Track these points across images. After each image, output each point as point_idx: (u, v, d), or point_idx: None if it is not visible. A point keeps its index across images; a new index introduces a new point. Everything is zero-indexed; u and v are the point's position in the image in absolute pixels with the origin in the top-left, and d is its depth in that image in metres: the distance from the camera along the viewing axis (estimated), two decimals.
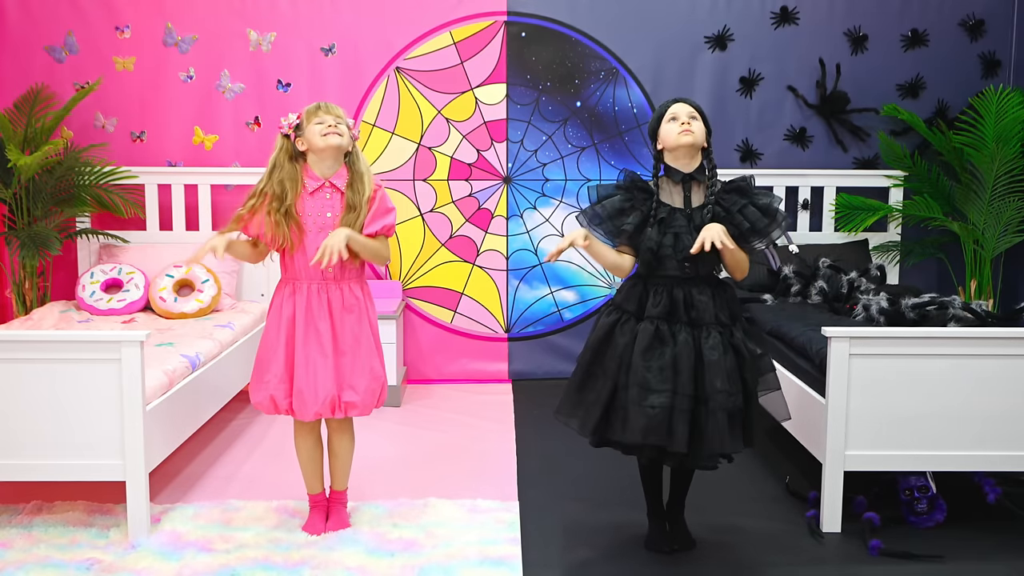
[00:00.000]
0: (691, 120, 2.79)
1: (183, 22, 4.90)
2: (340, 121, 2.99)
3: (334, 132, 2.96)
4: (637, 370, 2.69)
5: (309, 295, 3.00)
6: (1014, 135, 4.62)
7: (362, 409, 3.02)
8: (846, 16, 5.05)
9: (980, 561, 2.96)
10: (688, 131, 2.77)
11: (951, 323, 3.56)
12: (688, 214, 2.79)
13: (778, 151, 5.12)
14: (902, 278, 5.07)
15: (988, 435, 3.11)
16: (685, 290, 2.77)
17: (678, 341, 2.71)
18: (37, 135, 4.60)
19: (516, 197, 5.12)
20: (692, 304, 2.76)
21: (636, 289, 2.82)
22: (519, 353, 5.22)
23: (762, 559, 2.98)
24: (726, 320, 2.78)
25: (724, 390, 2.67)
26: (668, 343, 2.71)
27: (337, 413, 3.00)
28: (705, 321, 2.74)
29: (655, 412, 2.65)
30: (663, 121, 2.83)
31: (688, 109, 2.81)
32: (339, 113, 3.01)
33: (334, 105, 3.02)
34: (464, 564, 2.88)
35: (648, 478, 3.02)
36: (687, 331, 2.73)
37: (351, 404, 2.99)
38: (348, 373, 2.99)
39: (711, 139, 2.86)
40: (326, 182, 3.00)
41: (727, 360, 2.71)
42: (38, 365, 2.99)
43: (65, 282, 4.94)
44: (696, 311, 2.75)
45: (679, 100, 2.86)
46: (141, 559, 2.92)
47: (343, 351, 3.00)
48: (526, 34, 5.01)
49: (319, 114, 2.98)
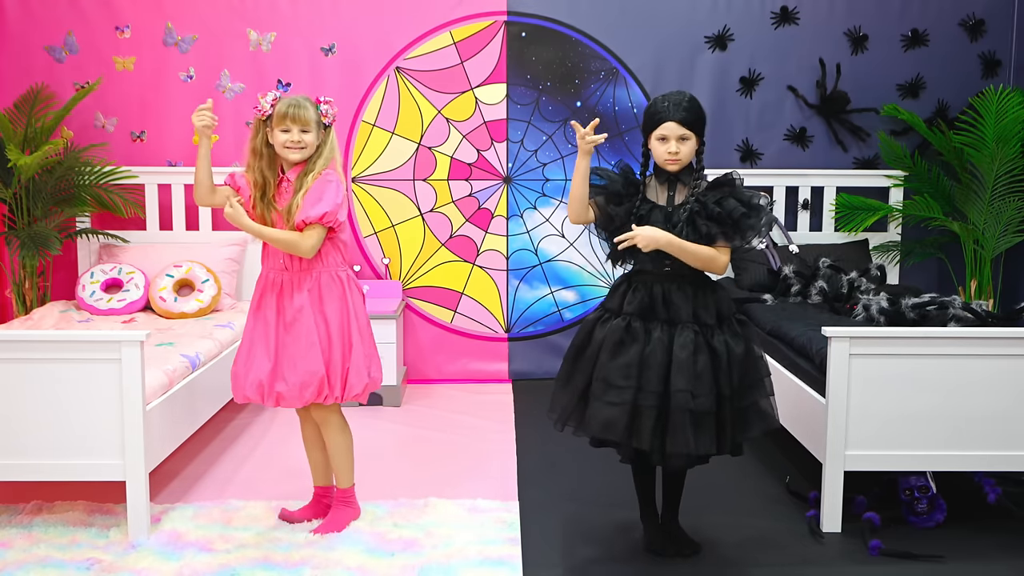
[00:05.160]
0: (681, 142, 2.76)
1: (183, 22, 4.90)
2: (307, 129, 2.95)
3: (296, 147, 2.95)
4: (602, 366, 2.73)
5: (265, 284, 3.06)
6: (1014, 135, 4.62)
7: (289, 401, 3.00)
8: (846, 16, 5.05)
9: (980, 561, 2.96)
10: (674, 159, 2.77)
11: (951, 323, 3.56)
12: (668, 212, 2.80)
13: (778, 151, 5.12)
14: (902, 278, 5.07)
15: (988, 435, 3.11)
16: (664, 287, 2.78)
17: (652, 338, 2.72)
18: (37, 135, 4.60)
19: (516, 197, 5.12)
20: (670, 301, 2.76)
21: (621, 288, 2.85)
22: (519, 353, 5.22)
23: (762, 559, 2.98)
24: (709, 321, 2.76)
25: (686, 390, 2.66)
26: (639, 340, 2.72)
27: (267, 401, 3.02)
28: (681, 319, 2.74)
29: (615, 408, 2.67)
30: (653, 136, 2.79)
31: (679, 131, 2.75)
32: (307, 119, 2.94)
33: (304, 104, 2.95)
34: (464, 564, 2.88)
35: (639, 480, 3.01)
36: (663, 328, 2.73)
37: (280, 395, 3.00)
38: (284, 364, 2.99)
39: (705, 139, 2.83)
40: (285, 177, 3.02)
41: (699, 360, 2.69)
42: (38, 365, 2.99)
43: (65, 282, 4.94)
44: (673, 308, 2.75)
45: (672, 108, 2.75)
46: (141, 559, 2.92)
47: (284, 342, 3.00)
48: (526, 34, 5.01)
49: (285, 122, 2.94)
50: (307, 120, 2.94)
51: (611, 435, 2.70)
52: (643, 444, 2.68)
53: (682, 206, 2.79)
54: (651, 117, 2.80)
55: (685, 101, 2.77)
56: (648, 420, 2.67)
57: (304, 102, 2.96)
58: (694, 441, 2.66)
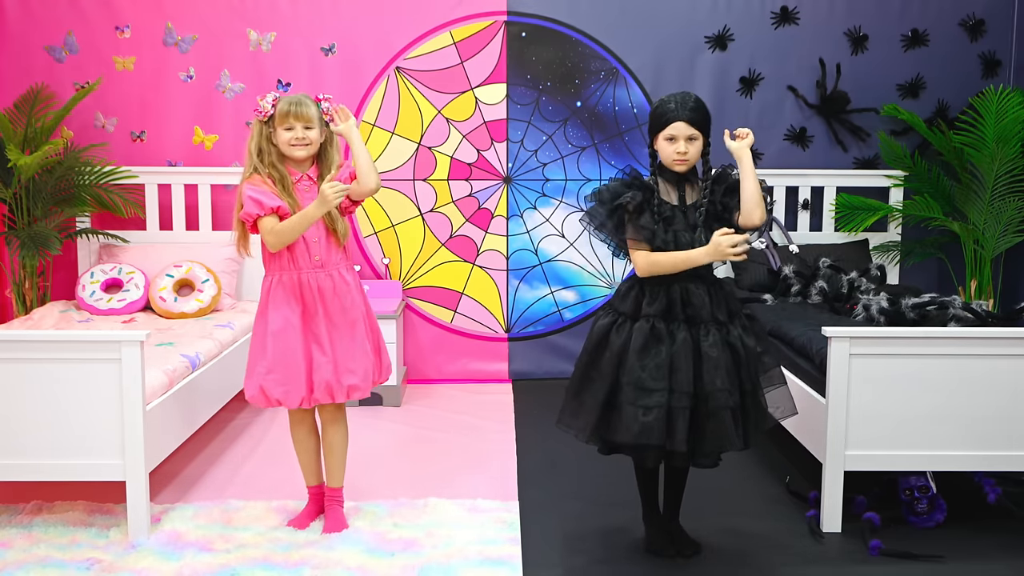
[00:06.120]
0: (689, 142, 2.76)
1: (183, 22, 4.90)
2: (310, 125, 2.96)
3: (301, 144, 2.96)
4: (632, 369, 2.69)
5: (294, 286, 2.99)
6: (1014, 135, 4.62)
7: (363, 391, 3.05)
8: (846, 16, 5.05)
9: (980, 561, 2.96)
10: (683, 160, 2.76)
11: (951, 323, 3.56)
12: (684, 211, 2.81)
13: (778, 151, 5.12)
14: (902, 278, 5.07)
15: (988, 435, 3.10)
16: (682, 287, 2.77)
17: (676, 339, 2.71)
18: (37, 135, 4.60)
19: (516, 197, 5.12)
20: (689, 301, 2.76)
21: (632, 291, 2.82)
22: (519, 353, 5.22)
23: (762, 559, 2.98)
24: (723, 318, 2.77)
25: (725, 388, 2.67)
26: (665, 341, 2.71)
27: (339, 397, 3.01)
28: (703, 318, 2.74)
29: (650, 412, 2.65)
30: (661, 136, 2.79)
31: (687, 130, 2.75)
32: (309, 116, 2.95)
33: (305, 102, 2.96)
34: (464, 564, 2.88)
35: (644, 481, 3.01)
36: (685, 329, 2.73)
37: (353, 387, 3.01)
38: (345, 358, 3.00)
39: (710, 140, 2.84)
40: (304, 175, 3.02)
41: (726, 357, 2.71)
42: (38, 365, 2.99)
43: (65, 282, 4.94)
44: (693, 308, 2.75)
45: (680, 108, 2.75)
46: (141, 559, 2.92)
47: (336, 337, 3.01)
48: (526, 34, 5.01)
49: (288, 120, 2.94)
50: (310, 117, 2.95)
51: (649, 440, 2.67)
52: (678, 446, 2.67)
53: (696, 207, 2.80)
54: (658, 117, 2.79)
55: (692, 101, 2.77)
56: (683, 422, 2.66)
57: (305, 99, 2.97)
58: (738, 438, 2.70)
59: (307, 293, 3.00)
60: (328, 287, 3.01)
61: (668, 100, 2.79)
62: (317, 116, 2.97)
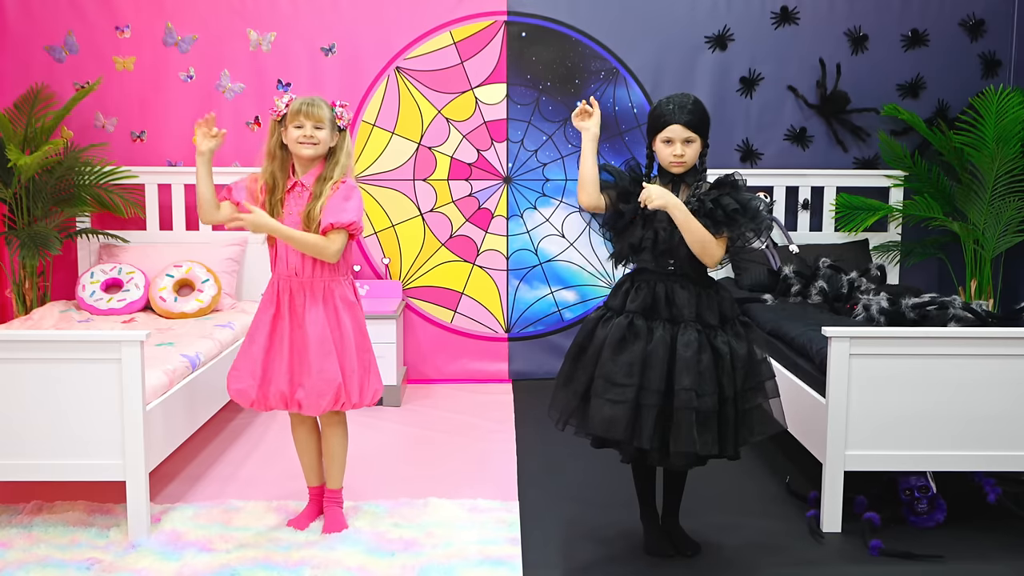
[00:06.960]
0: (686, 144, 2.77)
1: (183, 22, 4.90)
2: (321, 126, 2.96)
3: (309, 143, 2.96)
4: (604, 363, 2.73)
5: (280, 291, 3.03)
6: (1014, 135, 4.62)
7: (308, 409, 3.01)
8: (846, 16, 5.05)
9: (980, 561, 2.96)
10: (679, 162, 2.77)
11: (951, 323, 3.56)
12: None
13: (778, 151, 5.12)
14: (902, 278, 5.07)
15: (988, 435, 3.11)
16: (667, 286, 2.78)
17: (654, 336, 2.72)
18: (37, 135, 4.60)
19: (516, 197, 5.12)
20: (673, 301, 2.76)
21: (623, 287, 2.85)
22: (519, 353, 5.22)
23: (762, 559, 2.98)
24: (713, 321, 2.76)
25: (691, 388, 2.66)
26: (642, 338, 2.72)
27: (291, 407, 3.03)
28: (684, 318, 2.74)
29: (616, 406, 2.66)
30: (658, 138, 2.80)
31: (684, 133, 2.75)
32: (320, 116, 2.95)
33: (319, 103, 2.96)
34: (464, 564, 2.88)
35: (639, 480, 3.01)
36: (665, 327, 2.73)
37: (299, 402, 3.01)
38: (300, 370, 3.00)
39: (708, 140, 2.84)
40: (299, 182, 3.01)
41: (703, 360, 2.69)
42: (38, 365, 2.99)
43: (65, 282, 4.94)
44: (676, 308, 2.76)
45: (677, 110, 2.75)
46: (141, 559, 2.92)
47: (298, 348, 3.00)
48: (526, 34, 5.01)
49: (299, 118, 2.94)
50: (321, 117, 2.95)
51: (612, 434, 2.70)
52: (644, 443, 2.68)
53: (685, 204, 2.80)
54: (656, 120, 2.80)
55: (690, 103, 2.77)
56: (649, 419, 2.67)
57: (319, 101, 2.98)
58: (698, 441, 2.66)
59: (281, 298, 3.03)
60: (300, 298, 3.00)
61: (666, 102, 2.80)
62: (329, 118, 2.97)
